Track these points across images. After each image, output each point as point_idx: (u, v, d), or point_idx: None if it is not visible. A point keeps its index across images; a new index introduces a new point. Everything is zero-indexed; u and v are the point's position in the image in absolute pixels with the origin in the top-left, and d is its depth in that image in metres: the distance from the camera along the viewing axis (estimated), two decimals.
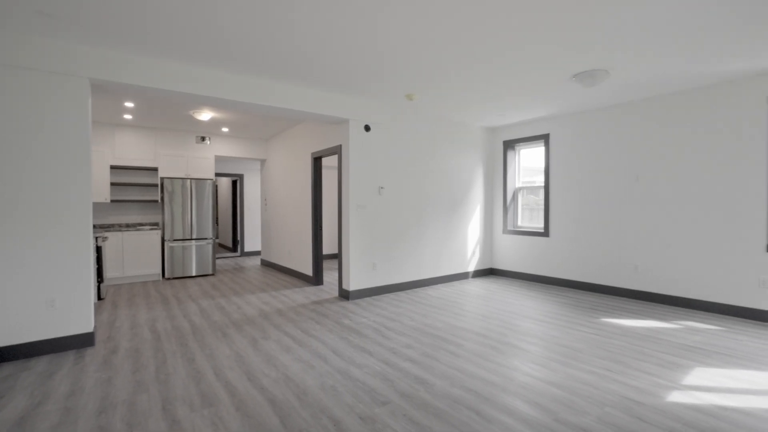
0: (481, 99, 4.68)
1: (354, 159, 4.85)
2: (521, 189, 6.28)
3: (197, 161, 6.82)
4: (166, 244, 6.28)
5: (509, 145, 6.30)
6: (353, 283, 4.86)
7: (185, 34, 2.93)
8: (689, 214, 4.33)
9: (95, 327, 3.75)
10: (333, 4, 2.49)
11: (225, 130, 6.67)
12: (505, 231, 6.32)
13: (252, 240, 9.55)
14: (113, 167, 6.24)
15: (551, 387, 2.50)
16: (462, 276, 6.10)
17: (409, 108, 5.20)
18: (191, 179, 6.52)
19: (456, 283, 5.80)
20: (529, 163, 6.20)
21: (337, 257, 8.88)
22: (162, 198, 6.35)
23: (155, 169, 6.69)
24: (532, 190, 6.12)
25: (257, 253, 9.58)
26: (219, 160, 8.88)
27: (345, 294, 4.90)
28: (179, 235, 6.40)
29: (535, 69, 3.65)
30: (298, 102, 4.25)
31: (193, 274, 6.51)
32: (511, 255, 6.24)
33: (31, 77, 3.01)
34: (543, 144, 5.80)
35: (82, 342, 3.23)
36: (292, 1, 2.46)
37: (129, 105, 5.07)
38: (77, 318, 3.21)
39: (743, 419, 2.11)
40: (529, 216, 6.18)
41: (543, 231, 5.80)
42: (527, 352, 3.10)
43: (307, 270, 5.99)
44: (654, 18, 2.67)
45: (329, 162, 8.43)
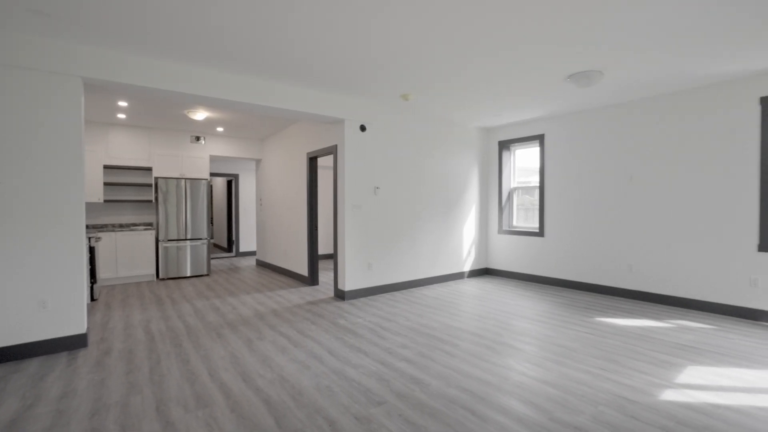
0: (477, 99, 4.70)
1: (349, 159, 4.84)
2: (516, 189, 6.30)
3: (192, 161, 6.78)
4: (160, 244, 6.24)
5: (504, 146, 6.32)
6: (349, 284, 4.85)
7: (183, 34, 2.91)
8: (682, 213, 4.37)
9: (88, 328, 3.71)
10: (330, 5, 2.49)
11: (220, 129, 6.64)
12: (501, 231, 6.34)
13: (247, 240, 9.52)
14: (107, 167, 6.19)
15: (546, 386, 2.51)
16: (457, 276, 6.11)
17: (405, 108, 5.20)
18: (186, 179, 6.48)
19: (451, 283, 5.81)
20: (525, 164, 6.23)
21: (333, 257, 8.86)
22: (156, 198, 6.30)
23: (149, 169, 6.65)
24: (527, 190, 6.15)
25: (252, 254, 9.55)
26: (214, 159, 8.84)
27: (340, 294, 4.90)
28: (174, 236, 6.36)
29: (530, 70, 3.67)
30: (294, 102, 4.24)
31: (188, 274, 6.47)
32: (507, 255, 6.26)
33: (22, 76, 2.98)
34: (538, 144, 5.83)
35: (74, 343, 3.20)
36: (291, 2, 2.46)
37: (123, 104, 5.03)
38: (70, 319, 3.18)
39: (735, 417, 2.13)
40: (524, 216, 6.21)
41: (538, 231, 5.83)
42: (522, 351, 3.11)
43: (303, 270, 5.98)
44: (648, 20, 2.69)
45: (325, 162, 8.42)
